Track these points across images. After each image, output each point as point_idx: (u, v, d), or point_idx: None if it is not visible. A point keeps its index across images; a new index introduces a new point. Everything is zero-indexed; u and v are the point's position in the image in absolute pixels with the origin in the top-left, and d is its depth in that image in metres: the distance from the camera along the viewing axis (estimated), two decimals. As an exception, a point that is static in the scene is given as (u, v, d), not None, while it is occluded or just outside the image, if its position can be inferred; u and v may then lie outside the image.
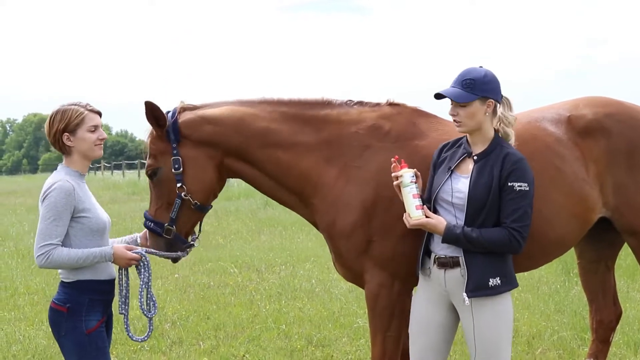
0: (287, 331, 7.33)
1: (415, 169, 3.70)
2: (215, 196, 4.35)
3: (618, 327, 5.24)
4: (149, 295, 4.01)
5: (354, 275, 4.27)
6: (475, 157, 3.65)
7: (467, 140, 3.75)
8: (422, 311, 3.82)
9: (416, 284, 3.97)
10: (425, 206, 3.66)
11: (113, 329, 4.11)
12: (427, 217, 3.62)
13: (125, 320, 3.98)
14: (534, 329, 7.08)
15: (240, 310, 8.29)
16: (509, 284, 3.62)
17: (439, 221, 3.59)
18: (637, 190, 4.29)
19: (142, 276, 3.92)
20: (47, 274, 10.27)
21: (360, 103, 4.36)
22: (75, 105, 3.84)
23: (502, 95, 3.67)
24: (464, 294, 3.56)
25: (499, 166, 3.56)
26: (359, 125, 4.23)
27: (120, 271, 3.94)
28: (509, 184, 3.53)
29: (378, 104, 4.36)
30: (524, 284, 9.16)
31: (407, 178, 3.65)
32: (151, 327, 4.07)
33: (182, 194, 4.13)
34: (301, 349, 6.71)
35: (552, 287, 8.95)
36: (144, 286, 3.95)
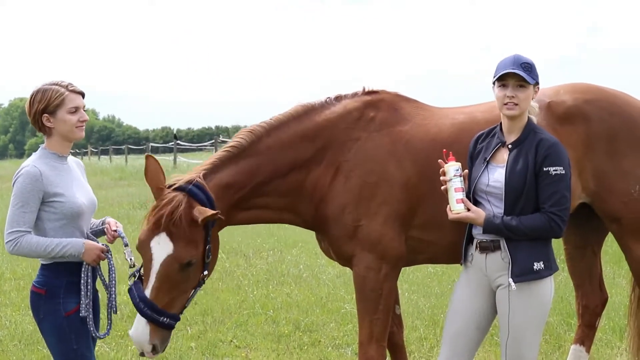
0: (274, 316, 7.34)
1: (459, 163, 3.70)
2: None
3: (604, 312, 5.27)
4: (110, 305, 3.88)
5: (345, 260, 4.29)
6: (509, 146, 3.67)
7: (500, 129, 3.76)
8: (460, 297, 3.85)
9: (402, 267, 4.00)
10: (465, 199, 3.67)
11: (100, 313, 4.06)
12: (468, 209, 3.64)
13: (89, 321, 3.77)
14: (520, 314, 7.11)
15: (228, 296, 8.29)
16: (550, 269, 3.65)
17: (479, 214, 3.62)
18: (618, 176, 4.30)
19: (110, 274, 3.84)
20: (34, 259, 10.21)
21: (338, 97, 4.34)
22: (56, 85, 3.71)
23: None
24: (510, 279, 3.57)
25: (533, 152, 3.58)
26: (346, 119, 4.23)
27: (85, 272, 3.75)
28: (544, 169, 3.55)
29: (356, 94, 4.35)
30: (511, 269, 9.20)
31: (450, 172, 3.68)
32: (109, 327, 3.93)
33: (204, 280, 3.91)
34: (289, 334, 6.72)
35: (539, 273, 8.98)
36: (111, 287, 3.87)
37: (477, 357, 5.92)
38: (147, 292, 3.71)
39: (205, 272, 3.87)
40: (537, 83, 3.66)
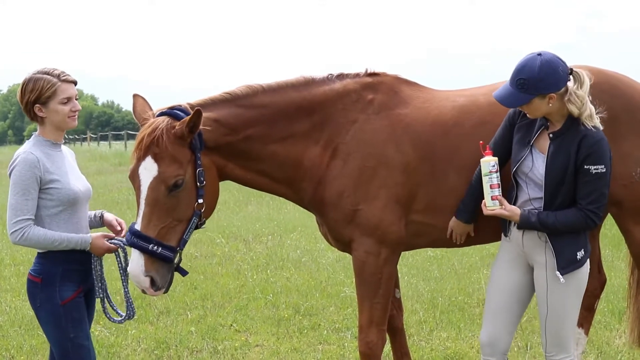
0: (274, 301, 7.35)
1: (496, 158, 3.68)
2: None
3: (603, 295, 5.29)
4: (125, 291, 3.92)
5: (343, 244, 4.28)
6: (551, 135, 3.63)
7: None
8: (500, 272, 3.90)
9: (402, 251, 4.00)
10: (501, 197, 3.66)
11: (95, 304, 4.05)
12: (502, 206, 3.65)
13: (102, 303, 3.90)
14: (519, 297, 7.13)
15: (228, 280, 8.31)
16: (588, 252, 3.71)
17: (514, 212, 3.63)
18: (618, 159, 4.27)
19: (120, 269, 3.88)
20: (33, 244, 10.22)
21: (341, 76, 4.30)
22: (48, 74, 3.65)
23: (570, 70, 3.58)
24: (557, 273, 3.61)
25: (576, 147, 3.54)
26: (344, 100, 4.18)
27: (94, 258, 3.79)
28: (585, 167, 3.52)
29: (358, 74, 4.32)
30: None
31: (485, 168, 3.67)
32: (131, 310, 3.94)
33: (201, 211, 3.81)
34: (288, 318, 6.73)
35: (538, 257, 9.01)
36: (124, 282, 3.91)
37: (477, 340, 5.94)
38: (138, 222, 3.64)
39: (200, 201, 3.76)
40: (548, 93, 3.49)
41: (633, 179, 4.30)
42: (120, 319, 3.96)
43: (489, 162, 3.67)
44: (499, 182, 3.67)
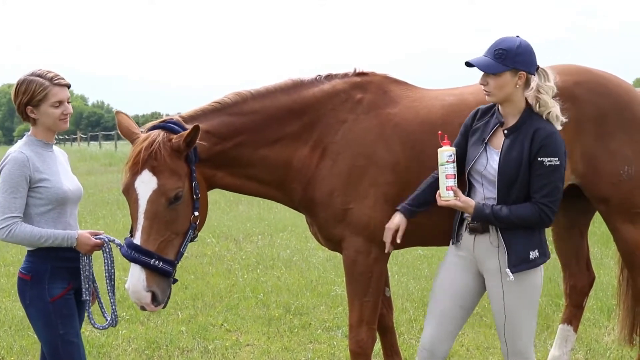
0: (265, 300, 7.36)
1: (454, 148, 3.66)
2: None
3: (592, 292, 5.32)
4: (110, 296, 3.89)
5: (334, 243, 4.29)
6: (505, 132, 3.62)
7: (498, 108, 3.70)
8: (446, 276, 3.85)
9: (392, 250, 3.99)
10: (456, 187, 3.62)
11: (91, 299, 4.05)
12: (457, 197, 3.60)
13: (87, 307, 3.86)
14: (509, 295, 7.16)
15: (218, 280, 8.31)
16: (544, 256, 3.64)
17: (468, 204, 3.59)
18: (606, 157, 4.31)
19: (106, 266, 3.85)
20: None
21: (329, 76, 4.31)
22: (41, 77, 3.68)
23: (537, 67, 3.59)
24: (507, 270, 3.56)
25: (529, 140, 3.52)
26: (334, 100, 4.19)
27: (82, 257, 3.78)
28: (539, 159, 3.50)
29: (346, 74, 4.33)
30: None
31: (442, 157, 3.64)
32: (114, 317, 3.90)
33: (196, 223, 3.80)
34: (279, 317, 6.74)
35: (528, 255, 9.03)
36: (107, 280, 3.89)
37: (467, 338, 5.97)
38: (137, 236, 3.59)
39: (196, 214, 3.77)
40: (520, 70, 3.51)
41: (621, 177, 4.33)
42: (104, 325, 3.92)
43: (446, 152, 3.63)
44: (455, 173, 3.63)
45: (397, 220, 3.82)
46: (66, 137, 57.83)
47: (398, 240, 3.82)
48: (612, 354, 5.54)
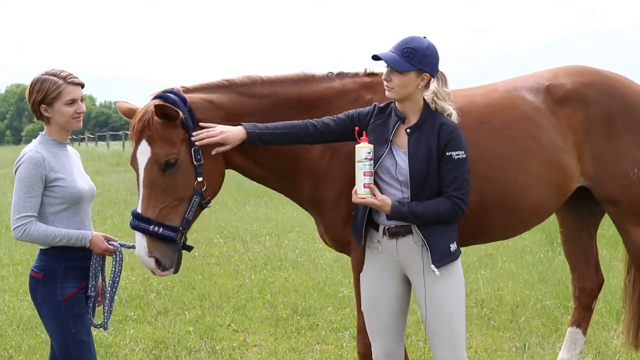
0: (272, 301, 7.36)
1: (372, 145, 3.60)
2: None
3: (601, 295, 5.29)
4: (110, 300, 3.92)
5: (341, 245, 4.27)
6: (408, 130, 3.60)
7: (395, 105, 3.69)
8: (375, 287, 3.79)
9: None
10: (373, 185, 3.57)
11: (100, 298, 4.05)
12: (373, 195, 3.55)
13: (90, 302, 3.86)
14: (517, 297, 7.15)
15: (226, 280, 8.31)
16: (458, 247, 3.67)
17: (385, 202, 3.54)
18: (615, 159, 4.30)
19: (112, 273, 3.88)
20: (31, 245, 10.20)
21: (341, 74, 4.30)
22: (55, 76, 3.72)
23: (437, 70, 3.61)
24: (432, 266, 3.54)
25: (435, 137, 3.52)
26: (343, 99, 4.18)
27: (94, 256, 3.81)
28: (447, 153, 3.51)
29: (357, 74, 4.32)
30: (509, 253, 9.24)
31: (360, 154, 3.57)
32: (105, 322, 3.95)
33: (202, 190, 3.81)
34: (286, 318, 6.74)
35: (536, 257, 9.03)
36: (110, 286, 3.91)
37: (475, 340, 5.96)
38: (139, 205, 3.68)
39: (200, 179, 3.76)
40: (425, 71, 3.50)
41: (631, 179, 4.32)
42: (97, 323, 3.94)
43: (364, 149, 3.57)
44: (372, 171, 3.59)
45: (231, 129, 3.74)
46: (74, 137, 57.93)
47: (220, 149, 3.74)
48: (621, 357, 5.52)
